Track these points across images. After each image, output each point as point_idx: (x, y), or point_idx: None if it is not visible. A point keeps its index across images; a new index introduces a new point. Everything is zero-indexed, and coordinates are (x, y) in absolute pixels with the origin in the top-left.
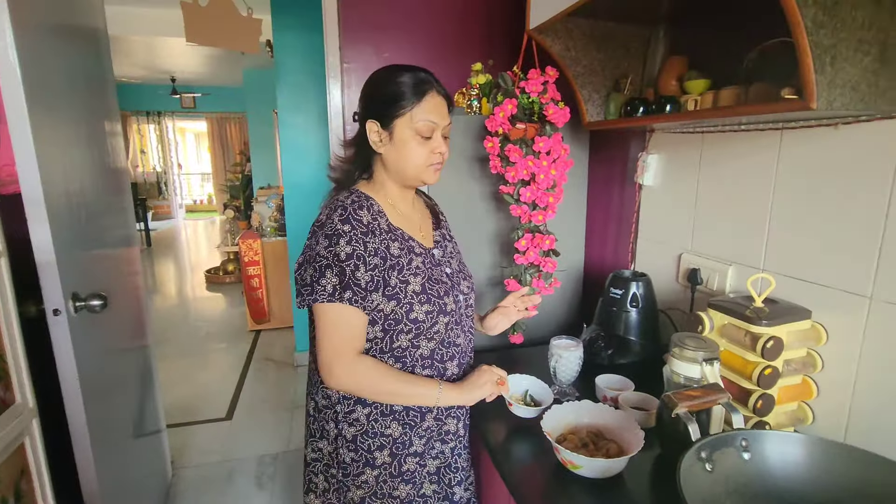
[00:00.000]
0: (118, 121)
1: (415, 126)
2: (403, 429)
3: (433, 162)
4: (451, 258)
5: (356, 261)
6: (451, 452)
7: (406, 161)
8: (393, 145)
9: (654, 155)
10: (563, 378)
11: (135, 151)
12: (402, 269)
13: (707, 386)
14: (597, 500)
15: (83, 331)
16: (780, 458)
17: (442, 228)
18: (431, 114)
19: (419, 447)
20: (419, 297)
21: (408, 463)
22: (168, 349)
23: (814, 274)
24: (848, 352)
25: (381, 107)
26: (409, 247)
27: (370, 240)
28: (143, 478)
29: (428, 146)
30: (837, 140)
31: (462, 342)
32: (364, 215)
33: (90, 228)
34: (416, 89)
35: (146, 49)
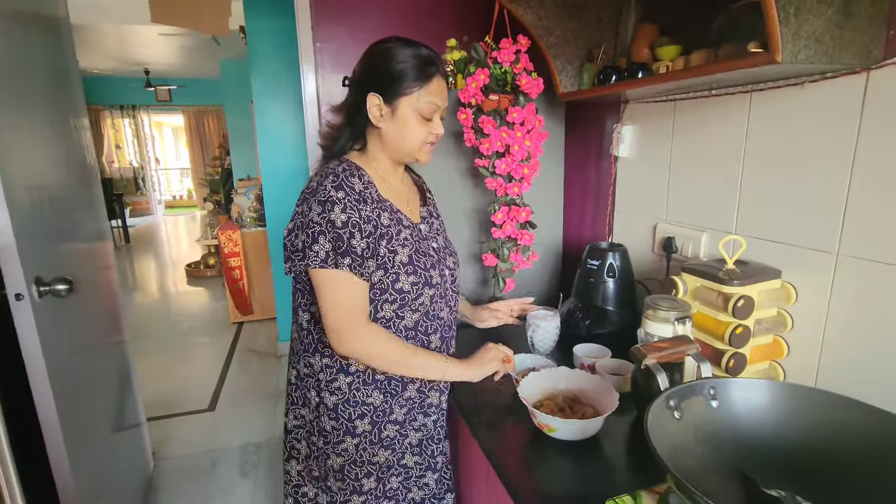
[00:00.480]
0: (85, 114)
1: (419, 106)
2: (385, 397)
3: (428, 141)
4: (438, 234)
5: (352, 228)
6: (434, 425)
7: (404, 139)
8: (394, 122)
9: (628, 126)
10: (540, 348)
11: (109, 146)
12: (391, 238)
13: (675, 338)
14: (573, 462)
15: (50, 318)
16: (746, 404)
17: (429, 205)
18: (436, 96)
19: (399, 416)
20: (406, 268)
21: (388, 430)
22: (149, 344)
23: (783, 234)
24: (816, 309)
25: (387, 82)
26: (397, 218)
27: (363, 207)
28: (122, 471)
29: (427, 127)
30: (804, 99)
31: (445, 316)
32: (356, 183)
33: (55, 219)
34: (424, 70)
35: (116, 39)
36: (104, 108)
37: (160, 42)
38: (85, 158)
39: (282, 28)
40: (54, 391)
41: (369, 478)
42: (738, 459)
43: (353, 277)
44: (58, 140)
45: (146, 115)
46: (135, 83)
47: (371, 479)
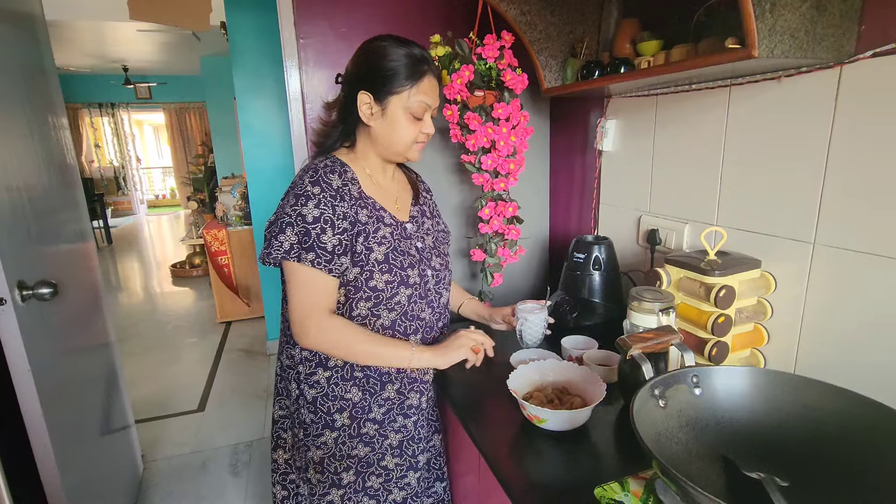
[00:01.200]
0: (63, 113)
1: (409, 105)
2: (363, 394)
3: (418, 140)
4: (427, 234)
5: (323, 224)
6: (415, 426)
7: (394, 138)
8: (385, 120)
9: (611, 121)
10: (529, 341)
11: (88, 146)
12: (367, 236)
13: (659, 328)
14: (562, 451)
15: (34, 322)
16: (728, 390)
17: (422, 205)
18: (427, 95)
19: (378, 415)
20: (381, 266)
21: (367, 427)
22: (135, 346)
23: (763, 225)
24: (794, 297)
25: (378, 81)
26: (378, 216)
27: (339, 203)
28: (111, 474)
29: (418, 126)
30: (781, 93)
31: (428, 317)
32: (334, 179)
33: (36, 221)
34: (415, 69)
35: (93, 36)
36: (82, 106)
37: (139, 38)
38: (65, 158)
39: (263, 23)
40: (40, 396)
41: (348, 472)
42: (720, 444)
43: (317, 272)
44: (36, 140)
45: (126, 113)
46: (114, 80)
47: (350, 473)
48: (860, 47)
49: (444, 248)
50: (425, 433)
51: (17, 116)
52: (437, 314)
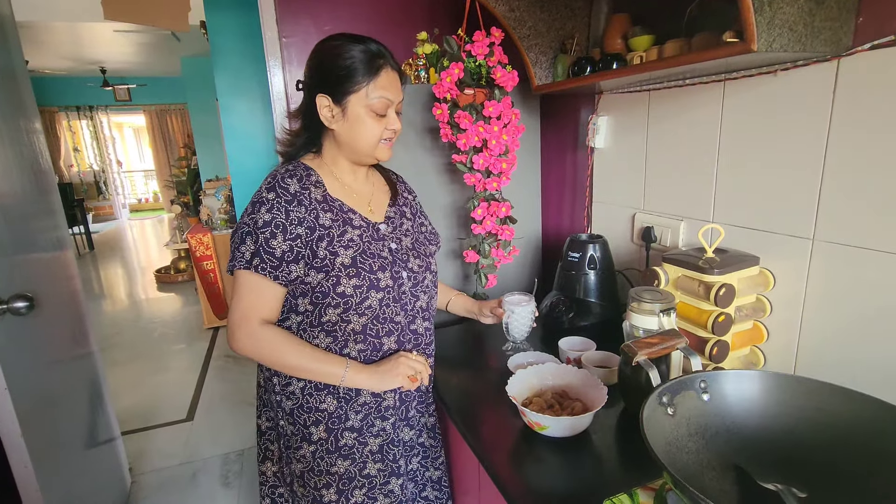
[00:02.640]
0: (37, 117)
1: (369, 103)
2: (339, 403)
3: (385, 138)
4: (405, 235)
5: (273, 229)
6: (394, 428)
7: (358, 138)
8: (346, 122)
9: (603, 117)
10: (516, 334)
11: (67, 150)
12: (331, 240)
13: (664, 332)
14: (564, 458)
15: (9, 338)
16: (737, 395)
17: (401, 205)
18: (387, 90)
19: (356, 422)
20: (347, 271)
21: (345, 438)
22: (120, 354)
23: (760, 221)
24: (793, 294)
25: (334, 81)
26: (345, 219)
27: (294, 208)
28: (97, 489)
29: (382, 123)
30: (777, 87)
31: (402, 320)
32: (291, 184)
33: (9, 231)
34: (371, 64)
35: (69, 37)
36: (59, 109)
37: (116, 39)
38: (39, 163)
39: (244, 23)
40: (18, 414)
41: (329, 489)
42: (731, 452)
43: (260, 279)
44: (7, 145)
45: (105, 116)
46: (91, 82)
47: (331, 491)
48: (857, 40)
49: (427, 248)
50: (405, 436)
51: None
52: (409, 317)
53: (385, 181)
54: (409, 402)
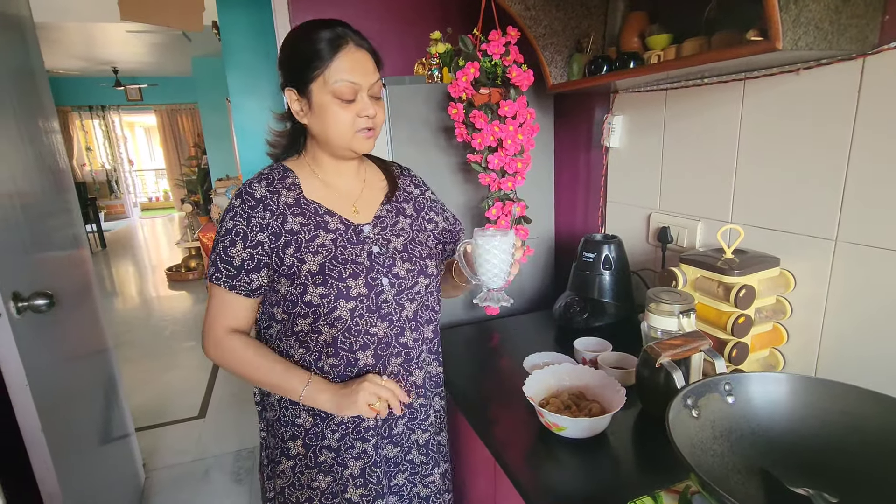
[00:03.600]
0: (54, 117)
1: (332, 88)
2: (314, 420)
3: (361, 127)
4: (397, 236)
5: (233, 237)
6: (375, 449)
7: (329, 130)
8: (313, 113)
9: (618, 116)
10: (486, 277)
11: (80, 149)
12: (299, 246)
13: (688, 334)
14: (582, 460)
15: (30, 335)
16: (762, 398)
17: (401, 202)
18: (349, 72)
19: (333, 442)
20: (315, 278)
21: (323, 455)
22: (132, 351)
23: (781, 222)
24: (815, 295)
25: (296, 71)
26: (319, 222)
27: (257, 214)
28: (112, 484)
29: (352, 110)
30: (799, 86)
31: (380, 332)
32: (258, 189)
33: (30, 229)
34: (329, 45)
35: (82, 38)
36: (72, 109)
37: (129, 40)
38: (57, 162)
39: (257, 22)
40: (39, 411)
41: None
42: (757, 456)
43: (218, 289)
44: (27, 144)
45: (117, 116)
46: (104, 83)
47: None
48: (884, 38)
49: (428, 250)
50: (392, 453)
51: (6, 121)
52: (396, 328)
53: (383, 175)
54: (393, 419)
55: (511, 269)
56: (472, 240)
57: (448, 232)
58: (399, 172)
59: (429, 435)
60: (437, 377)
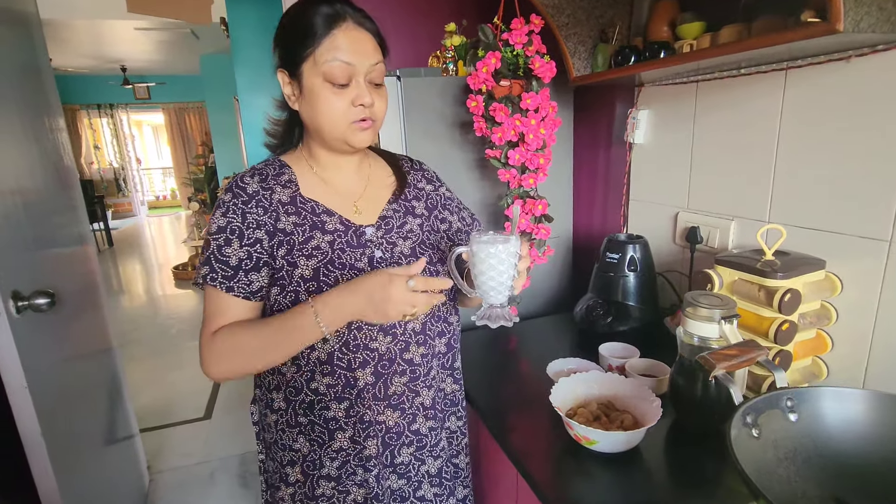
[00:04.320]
0: (60, 114)
1: (323, 70)
2: (312, 446)
3: (356, 118)
4: (405, 238)
5: (228, 234)
6: (377, 480)
7: (319, 117)
8: (304, 98)
9: (644, 111)
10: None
11: (88, 147)
12: (291, 248)
13: (742, 343)
14: (615, 476)
15: (30, 334)
16: (832, 416)
17: (408, 200)
18: (343, 52)
19: (333, 471)
20: (307, 285)
21: (322, 487)
22: (137, 350)
23: (826, 222)
24: (865, 301)
25: (286, 51)
26: (315, 222)
27: (252, 209)
28: (115, 486)
29: (346, 96)
30: (849, 75)
31: (385, 348)
32: (250, 184)
33: (32, 226)
34: (325, 21)
35: (91, 35)
36: (81, 107)
37: (137, 37)
38: (62, 160)
39: (266, 17)
40: (37, 409)
41: None
42: (827, 481)
43: (214, 291)
44: (31, 142)
45: (125, 114)
46: (112, 81)
47: None
48: None
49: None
50: (396, 484)
51: (10, 118)
52: (401, 343)
53: (391, 171)
54: (395, 446)
55: (515, 282)
56: (468, 246)
57: (463, 233)
58: (409, 167)
59: (441, 461)
60: (453, 395)
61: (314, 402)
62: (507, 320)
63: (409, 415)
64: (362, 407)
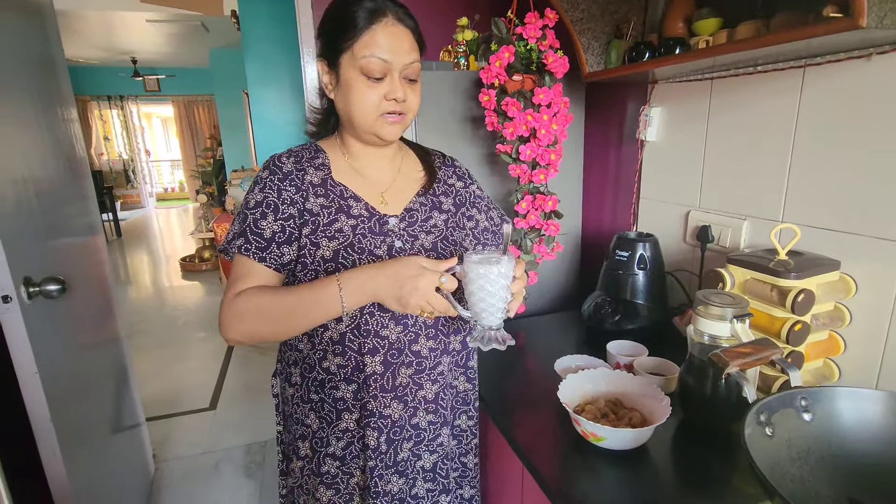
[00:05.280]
0: (73, 105)
1: (360, 63)
2: (321, 423)
3: (387, 110)
4: (428, 233)
5: (264, 209)
6: (379, 477)
7: (352, 108)
8: (340, 89)
9: (656, 108)
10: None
11: (98, 138)
12: (316, 228)
13: (757, 342)
14: (623, 473)
15: (41, 320)
16: (847, 416)
17: (436, 195)
18: (379, 48)
19: (338, 450)
20: (326, 266)
21: (327, 464)
22: (144, 340)
23: (842, 222)
24: (880, 303)
25: (327, 42)
26: (341, 206)
27: (286, 187)
28: (122, 474)
29: (379, 90)
30: (870, 73)
31: (395, 337)
32: (287, 163)
33: (44, 215)
34: (367, 15)
35: (103, 27)
36: (91, 98)
37: (148, 29)
38: (74, 150)
39: (277, 11)
40: (47, 396)
41: None
42: (841, 481)
43: (248, 261)
44: (44, 131)
45: (135, 106)
46: (122, 73)
47: None
48: None
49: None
50: (397, 486)
51: (24, 108)
52: (410, 334)
53: (422, 166)
54: (397, 441)
55: (509, 304)
56: (461, 265)
57: (489, 233)
58: (441, 162)
59: (437, 457)
60: (465, 394)
61: (325, 381)
62: (501, 343)
63: (410, 408)
64: (367, 394)
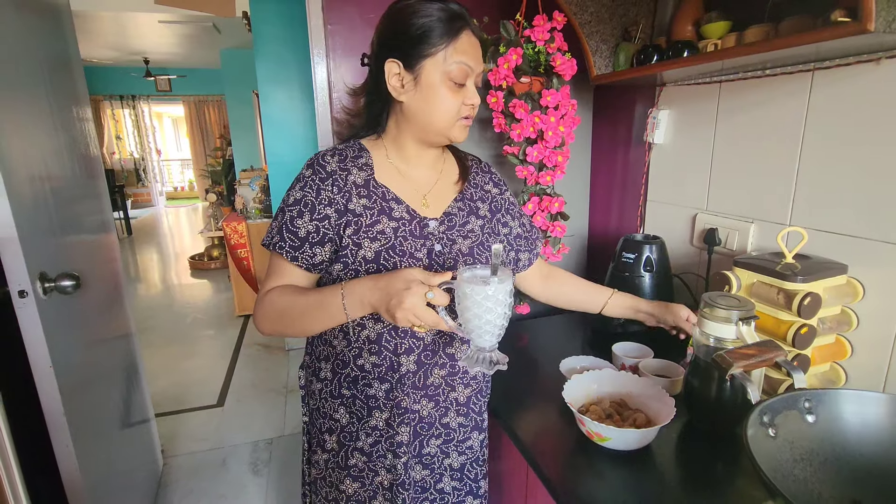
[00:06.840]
0: (88, 105)
1: (447, 69)
2: (350, 418)
3: (464, 115)
4: (465, 237)
5: (301, 207)
6: (405, 469)
7: (434, 111)
8: (418, 91)
9: (664, 111)
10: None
11: (110, 137)
12: (358, 229)
13: (761, 344)
14: (627, 473)
15: (55, 315)
16: (850, 419)
17: (473, 199)
18: (467, 56)
19: (366, 446)
20: (368, 266)
21: (354, 457)
22: (154, 337)
23: (850, 226)
24: (888, 307)
25: (407, 44)
26: (384, 207)
27: (327, 187)
28: (131, 468)
29: (460, 95)
30: (879, 77)
31: (429, 338)
32: (330, 162)
33: (59, 212)
34: (451, 25)
35: (116, 27)
36: (104, 98)
37: (160, 30)
38: (88, 148)
39: (288, 11)
40: (61, 390)
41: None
42: (844, 483)
43: (281, 259)
44: (60, 130)
45: (146, 106)
46: (135, 73)
47: None
48: None
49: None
50: (420, 475)
51: (41, 107)
52: (446, 336)
53: (458, 169)
54: (425, 436)
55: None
56: (456, 283)
57: (523, 240)
58: (478, 168)
59: (465, 458)
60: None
61: (358, 378)
62: (491, 366)
63: (442, 407)
64: (401, 392)
